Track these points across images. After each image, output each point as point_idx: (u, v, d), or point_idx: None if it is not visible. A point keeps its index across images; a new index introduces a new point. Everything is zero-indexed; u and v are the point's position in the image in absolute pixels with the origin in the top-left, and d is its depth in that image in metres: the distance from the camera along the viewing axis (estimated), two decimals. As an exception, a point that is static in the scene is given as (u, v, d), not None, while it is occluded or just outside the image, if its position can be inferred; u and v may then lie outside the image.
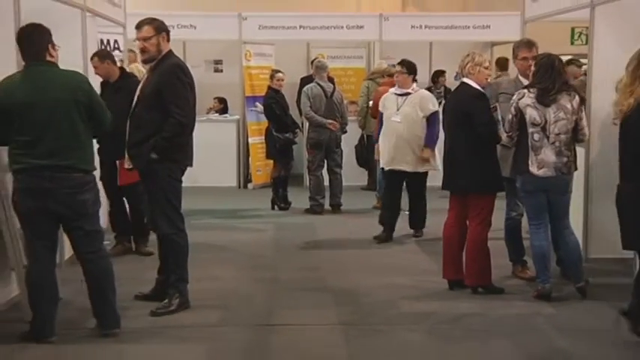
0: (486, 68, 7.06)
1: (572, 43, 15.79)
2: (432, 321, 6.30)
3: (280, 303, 6.90)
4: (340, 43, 14.90)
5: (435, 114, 9.14)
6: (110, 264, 5.95)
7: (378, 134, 9.65)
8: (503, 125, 6.93)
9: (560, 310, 6.55)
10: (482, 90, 6.98)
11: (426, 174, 9.41)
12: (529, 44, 7.52)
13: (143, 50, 6.46)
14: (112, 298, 5.90)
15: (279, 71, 11.96)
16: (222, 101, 14.97)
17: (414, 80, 9.41)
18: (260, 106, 12.91)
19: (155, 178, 6.36)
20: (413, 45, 14.65)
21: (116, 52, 10.37)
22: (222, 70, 15.82)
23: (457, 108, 7.06)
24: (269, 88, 11.86)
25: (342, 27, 14.37)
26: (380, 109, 9.64)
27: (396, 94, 9.36)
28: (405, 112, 9.14)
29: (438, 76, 14.43)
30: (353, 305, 6.77)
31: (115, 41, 10.83)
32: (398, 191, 9.48)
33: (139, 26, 6.51)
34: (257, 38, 14.39)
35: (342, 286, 7.33)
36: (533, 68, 6.89)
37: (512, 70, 7.74)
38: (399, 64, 9.54)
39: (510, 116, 6.76)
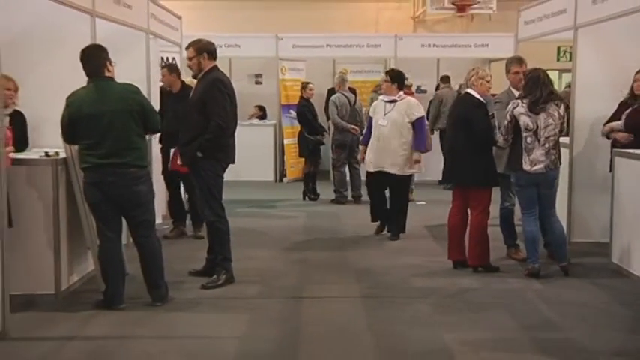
0: (488, 81, 7.04)
1: (557, 60, 15.71)
2: (439, 294, 6.30)
3: (310, 279, 6.92)
4: (361, 60, 14.87)
5: (420, 119, 8.43)
6: (159, 247, 5.99)
7: (366, 138, 8.75)
8: (499, 130, 6.92)
9: (547, 286, 6.54)
10: (482, 100, 6.97)
11: (410, 179, 8.89)
12: (520, 60, 7.52)
13: (189, 67, 6.63)
14: (159, 275, 5.95)
15: (310, 83, 12.01)
16: (261, 109, 15.02)
17: (400, 88, 8.55)
18: (293, 113, 12.96)
19: (200, 173, 6.42)
20: (423, 61, 14.65)
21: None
22: (261, 83, 15.85)
23: (460, 114, 7.06)
24: (301, 97, 11.89)
25: (363, 46, 14.37)
26: (370, 114, 8.79)
27: (384, 100, 8.53)
28: (392, 118, 8.33)
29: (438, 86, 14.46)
30: (372, 281, 6.77)
31: (173, 59, 10.88)
32: (383, 191, 8.76)
33: (187, 47, 6.67)
34: (291, 55, 14.44)
35: (363, 265, 7.33)
36: (523, 82, 6.88)
37: (501, 82, 7.74)
38: (386, 73, 8.85)
39: (506, 122, 6.75)
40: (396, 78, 8.57)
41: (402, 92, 8.58)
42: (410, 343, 5.11)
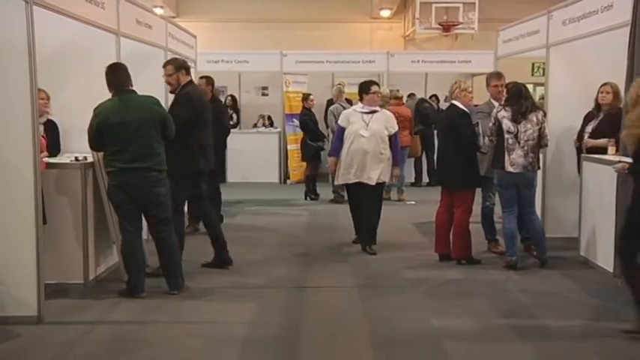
0: (470, 93, 7.06)
1: (532, 75, 15.73)
2: (427, 284, 6.31)
3: (311, 270, 6.92)
4: (357, 74, 14.79)
5: (396, 133, 7.56)
6: (175, 243, 6.01)
7: (337, 149, 7.60)
8: (483, 137, 6.94)
9: (523, 277, 6.55)
10: (466, 110, 6.99)
11: (383, 186, 7.78)
12: (498, 75, 7.56)
13: (168, 83, 6.53)
14: (175, 268, 5.97)
15: (311, 94, 12.03)
16: (269, 118, 15.03)
17: None
18: (296, 121, 13.00)
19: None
20: (412, 75, 14.69)
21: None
22: (267, 94, 15.87)
23: (447, 123, 7.08)
24: (304, 107, 11.89)
25: (359, 61, 14.42)
26: (342, 124, 7.60)
27: (361, 111, 7.49)
28: (374, 129, 7.36)
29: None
30: (367, 273, 6.78)
31: (189, 73, 10.90)
32: (364, 201, 7.60)
33: (164, 65, 6.57)
34: (294, 70, 14.44)
35: (358, 258, 7.34)
36: (505, 94, 6.91)
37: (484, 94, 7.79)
38: (374, 83, 7.66)
39: (491, 124, 6.79)
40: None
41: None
42: (401, 328, 5.12)
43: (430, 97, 14.46)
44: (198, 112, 6.51)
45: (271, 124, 14.94)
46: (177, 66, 6.53)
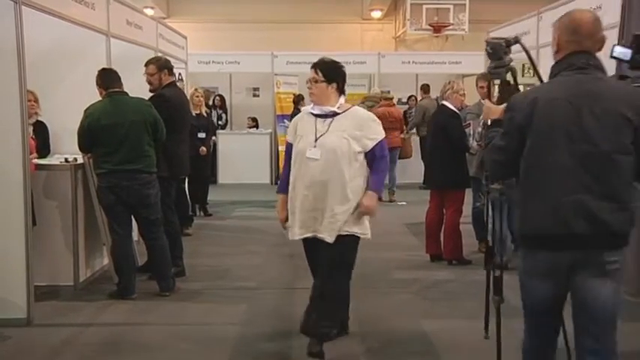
0: (462, 95, 7.07)
1: (522, 76, 15.63)
2: (418, 285, 6.32)
3: (301, 272, 6.86)
4: (348, 75, 14.77)
5: (381, 143, 4.36)
6: (166, 243, 5.99)
7: (285, 183, 4.69)
8: (473, 136, 6.95)
9: (513, 277, 6.45)
10: (457, 111, 7.00)
11: (357, 242, 4.63)
12: (488, 76, 7.55)
13: (149, 82, 6.39)
14: (166, 269, 5.96)
15: (301, 94, 12.09)
16: (254, 120, 15.01)
17: (342, 93, 4.60)
18: (287, 122, 13.01)
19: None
20: (403, 76, 14.72)
21: (179, 83, 10.42)
22: (258, 95, 15.87)
23: (437, 123, 7.10)
24: (295, 107, 11.94)
25: (350, 62, 14.25)
26: (289, 137, 4.67)
27: (313, 114, 4.42)
28: (328, 145, 4.24)
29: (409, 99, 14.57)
30: (357, 273, 6.64)
31: (179, 74, 10.85)
32: (321, 267, 4.73)
33: (146, 64, 6.41)
34: (285, 71, 14.42)
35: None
36: (496, 94, 6.91)
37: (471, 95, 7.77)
38: (314, 66, 4.75)
39: (479, 129, 6.80)
40: (333, 74, 4.64)
41: (342, 100, 4.56)
42: (392, 328, 5.13)
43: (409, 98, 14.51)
44: (172, 115, 6.18)
45: (256, 126, 14.92)
46: (160, 66, 6.41)
